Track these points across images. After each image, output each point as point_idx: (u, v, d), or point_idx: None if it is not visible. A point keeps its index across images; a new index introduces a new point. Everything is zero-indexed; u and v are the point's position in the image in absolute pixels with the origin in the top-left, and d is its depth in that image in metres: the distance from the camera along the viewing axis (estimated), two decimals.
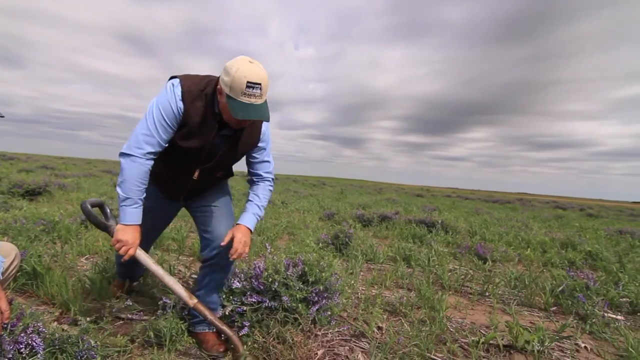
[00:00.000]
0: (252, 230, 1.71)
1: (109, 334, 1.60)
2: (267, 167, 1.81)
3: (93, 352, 1.44)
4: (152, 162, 1.52)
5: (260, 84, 1.37)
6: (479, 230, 5.85)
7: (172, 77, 1.54)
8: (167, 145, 1.55)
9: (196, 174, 1.66)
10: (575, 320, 2.42)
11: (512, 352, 1.93)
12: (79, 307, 1.86)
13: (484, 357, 1.86)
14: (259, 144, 1.73)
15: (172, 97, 1.47)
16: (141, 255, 1.54)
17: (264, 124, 1.71)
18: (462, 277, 3.17)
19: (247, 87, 1.35)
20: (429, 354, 1.78)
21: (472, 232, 5.78)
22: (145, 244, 1.74)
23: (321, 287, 1.84)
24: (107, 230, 1.56)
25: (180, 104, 1.47)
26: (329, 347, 1.76)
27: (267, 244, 2.04)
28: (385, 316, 2.23)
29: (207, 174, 1.70)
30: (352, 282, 2.75)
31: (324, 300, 1.85)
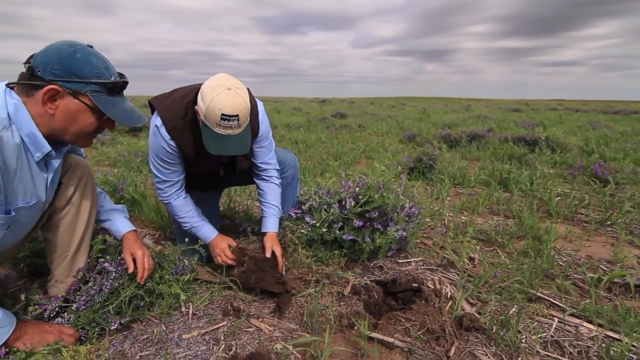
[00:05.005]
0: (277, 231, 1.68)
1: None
2: (264, 156, 1.62)
3: (187, 271, 1.54)
4: (183, 193, 1.58)
5: (237, 115, 1.23)
6: (597, 148, 4.87)
7: (151, 105, 1.44)
8: (184, 171, 1.57)
9: (221, 172, 1.65)
10: None
11: None
12: (172, 231, 2.02)
13: (606, 298, 1.55)
14: (259, 135, 1.55)
15: (162, 141, 1.41)
16: None
17: (259, 110, 1.52)
18: (576, 202, 2.67)
19: (222, 119, 1.22)
20: (533, 291, 1.54)
21: (588, 149, 4.85)
22: (213, 224, 1.75)
23: (375, 213, 1.63)
24: None
25: (172, 143, 1.42)
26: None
27: (342, 170, 1.87)
28: (478, 246, 1.99)
29: (232, 169, 1.65)
30: (438, 207, 2.51)
31: (379, 226, 1.65)
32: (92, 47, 0.99)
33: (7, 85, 0.94)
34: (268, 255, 1.54)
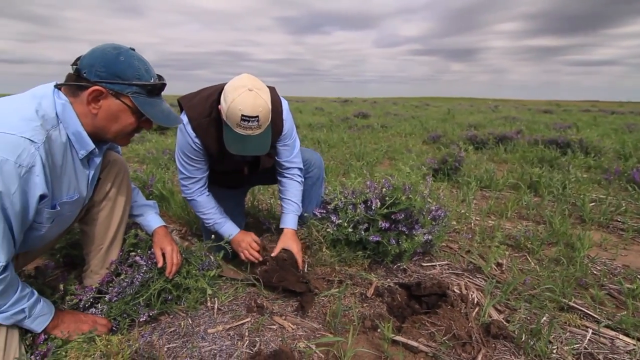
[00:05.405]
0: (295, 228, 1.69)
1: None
2: (287, 155, 1.63)
3: (213, 267, 1.57)
4: (206, 191, 1.61)
5: (257, 117, 1.25)
6: (635, 151, 4.62)
7: (179, 104, 1.47)
8: (208, 169, 1.60)
9: (245, 170, 1.66)
10: None
11: None
12: (198, 227, 2.07)
13: None
14: (283, 133, 1.56)
15: (188, 138, 1.45)
16: None
17: (284, 108, 1.53)
18: (611, 209, 2.54)
19: (242, 120, 1.25)
20: (565, 300, 1.48)
21: (624, 153, 4.60)
22: (238, 222, 1.76)
23: (402, 215, 1.61)
24: None
25: (197, 140, 1.45)
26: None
27: (366, 170, 1.86)
28: (506, 252, 1.93)
29: (255, 167, 1.66)
30: (464, 211, 2.45)
31: (404, 229, 1.63)
32: (134, 50, 1.03)
33: (55, 85, 1.00)
34: (274, 254, 1.55)
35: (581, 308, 1.45)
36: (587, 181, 3.29)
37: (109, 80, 0.97)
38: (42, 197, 0.93)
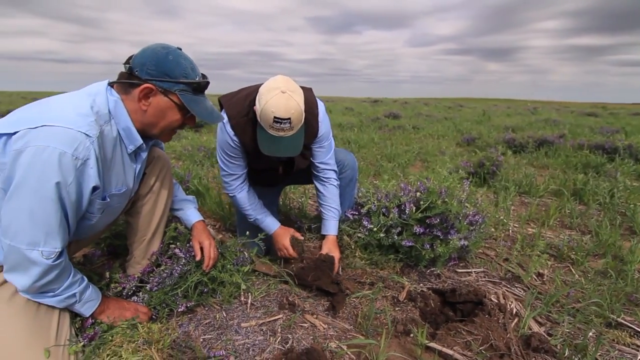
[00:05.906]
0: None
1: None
2: (323, 156, 1.63)
3: (247, 262, 1.61)
4: (246, 186, 1.65)
5: (289, 119, 1.27)
6: None
7: (220, 103, 1.51)
8: (247, 166, 1.63)
9: (280, 169, 1.68)
10: None
11: None
12: (231, 222, 2.12)
13: None
14: (319, 135, 1.56)
15: (227, 136, 1.48)
16: None
17: (320, 110, 1.53)
18: None
19: (275, 121, 1.27)
20: (613, 316, 1.38)
21: None
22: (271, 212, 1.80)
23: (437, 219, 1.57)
24: None
25: (235, 138, 1.48)
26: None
27: (399, 172, 1.83)
28: (548, 262, 1.83)
29: (290, 167, 1.67)
30: (502, 217, 2.35)
31: (439, 233, 1.58)
32: (180, 49, 1.07)
33: (109, 83, 1.05)
34: (321, 252, 1.57)
35: (631, 325, 1.35)
36: (637, 190, 3.06)
37: (158, 78, 1.02)
38: (94, 189, 0.99)
